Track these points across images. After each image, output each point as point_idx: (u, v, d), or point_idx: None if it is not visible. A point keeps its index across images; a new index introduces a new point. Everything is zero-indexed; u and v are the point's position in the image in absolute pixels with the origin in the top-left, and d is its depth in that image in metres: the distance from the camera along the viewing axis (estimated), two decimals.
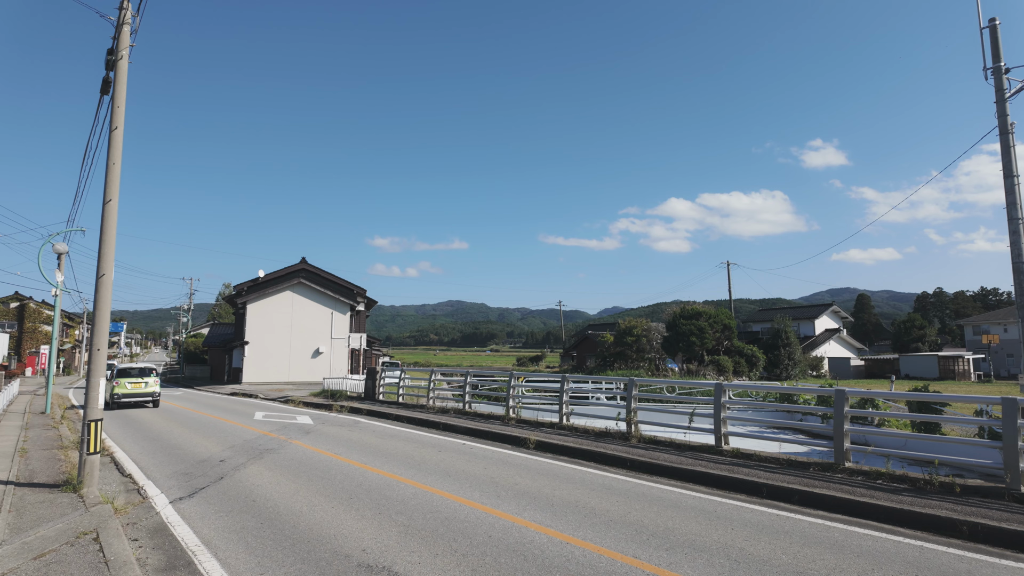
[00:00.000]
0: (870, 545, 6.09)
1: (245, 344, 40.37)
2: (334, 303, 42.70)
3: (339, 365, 42.08)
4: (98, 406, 8.23)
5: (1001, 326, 60.92)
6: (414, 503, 7.64)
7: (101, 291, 8.34)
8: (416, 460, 10.79)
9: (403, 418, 17.23)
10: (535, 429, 13.98)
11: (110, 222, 8.35)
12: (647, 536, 6.32)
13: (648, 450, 11.17)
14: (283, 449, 12.01)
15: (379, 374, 22.22)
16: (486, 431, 14.06)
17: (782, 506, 7.75)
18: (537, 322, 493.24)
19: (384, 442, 13.05)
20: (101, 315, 8.35)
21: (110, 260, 8.33)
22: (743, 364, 49.36)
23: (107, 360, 8.77)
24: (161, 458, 11.33)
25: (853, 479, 8.68)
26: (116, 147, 8.53)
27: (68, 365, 66.96)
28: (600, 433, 13.05)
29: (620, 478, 9.38)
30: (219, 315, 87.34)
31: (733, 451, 10.57)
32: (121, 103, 8.60)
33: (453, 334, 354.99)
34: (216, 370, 50.93)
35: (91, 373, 8.26)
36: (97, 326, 8.37)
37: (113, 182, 8.44)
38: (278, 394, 28.43)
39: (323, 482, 8.92)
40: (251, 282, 42.46)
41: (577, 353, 72.28)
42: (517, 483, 8.88)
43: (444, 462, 10.59)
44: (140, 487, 8.83)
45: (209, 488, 8.63)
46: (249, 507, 7.53)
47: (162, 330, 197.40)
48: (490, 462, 10.66)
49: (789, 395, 17.82)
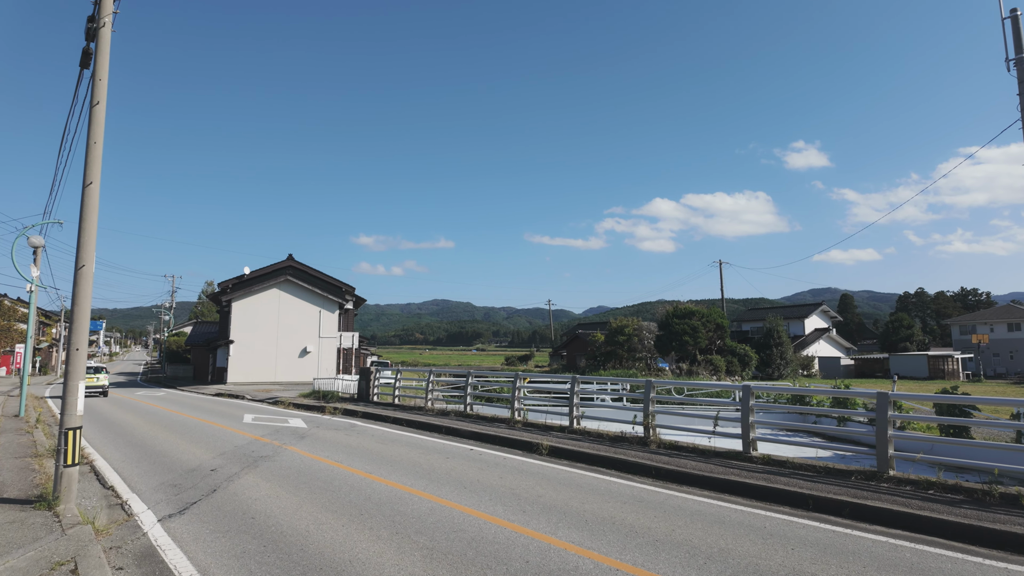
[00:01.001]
0: (951, 568, 5.46)
1: (230, 343, 39.22)
2: (322, 301, 41.67)
3: (327, 365, 41.07)
4: (77, 412, 7.37)
5: (988, 325, 61.38)
6: (433, 520, 6.89)
7: (80, 284, 7.48)
8: (424, 468, 10.03)
9: (402, 421, 16.44)
10: (544, 433, 13.28)
11: (91, 207, 7.50)
12: (703, 560, 5.63)
13: (672, 456, 10.51)
14: (279, 456, 11.18)
15: (373, 374, 21.39)
16: (492, 435, 13.33)
17: (833, 520, 7.11)
18: (523, 321, 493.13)
19: (386, 448, 12.27)
20: (80, 311, 7.49)
21: (91, 250, 7.47)
22: (736, 363, 49.09)
23: (88, 361, 7.93)
24: (146, 467, 10.45)
25: (902, 489, 8.08)
26: (98, 124, 7.67)
27: (45, 364, 65.08)
28: (615, 437, 12.38)
29: (649, 488, 8.70)
30: (202, 313, 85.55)
31: (763, 457, 9.94)
32: (103, 75, 7.74)
33: (439, 333, 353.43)
34: (199, 370, 49.64)
35: (69, 375, 7.41)
36: (76, 323, 7.51)
37: (94, 163, 7.59)
38: (266, 395, 27.45)
39: (328, 495, 8.13)
40: (236, 279, 41.28)
41: (567, 352, 71.73)
42: (540, 495, 8.16)
43: (455, 471, 9.84)
44: (124, 502, 7.98)
45: (202, 503, 7.80)
46: (248, 526, 6.74)
47: (143, 329, 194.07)
48: (504, 470, 9.93)
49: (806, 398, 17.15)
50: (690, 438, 12.19)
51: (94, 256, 7.53)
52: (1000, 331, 60.16)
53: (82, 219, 7.47)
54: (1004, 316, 61.33)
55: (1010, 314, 61.16)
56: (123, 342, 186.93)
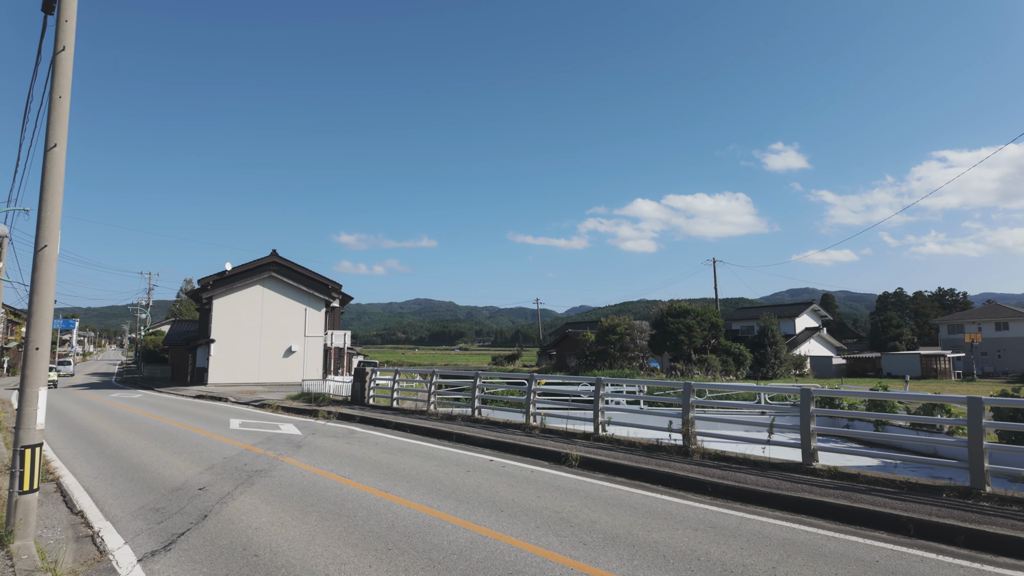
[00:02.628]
0: None
1: (211, 342, 37.44)
2: (308, 299, 40.05)
3: (313, 365, 39.49)
4: (36, 426, 6.01)
5: (975, 325, 61.53)
6: (480, 558, 5.65)
7: (42, 269, 6.11)
8: (447, 485, 8.77)
9: (404, 427, 15.13)
10: (568, 441, 12.08)
11: (55, 175, 6.13)
12: None
13: (723, 469, 9.37)
14: (275, 470, 9.84)
15: (369, 376, 20.01)
16: (510, 443, 12.10)
17: (950, 551, 6.01)
18: (506, 320, 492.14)
19: (396, 459, 10.97)
20: (42, 301, 6.12)
21: (55, 226, 6.10)
22: (731, 363, 48.42)
23: (60, 360, 6.55)
24: (123, 485, 9.04)
25: (1008, 509, 7.02)
26: (64, 75, 6.30)
27: (13, 365, 62.35)
28: (650, 446, 11.22)
29: (713, 510, 7.54)
30: (180, 312, 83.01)
31: (829, 470, 8.84)
32: (71, 16, 6.37)
33: (421, 332, 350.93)
34: (178, 370, 47.65)
35: (26, 380, 6.03)
36: (36, 316, 6.14)
37: (59, 121, 6.22)
38: (251, 397, 25.89)
39: (343, 521, 6.85)
40: (217, 275, 39.45)
41: (557, 352, 70.62)
42: (594, 520, 6.96)
43: (483, 488, 8.60)
44: (96, 532, 6.61)
45: (191, 533, 6.47)
46: (252, 567, 5.44)
47: (118, 328, 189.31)
48: (538, 487, 8.71)
49: (882, 403, 15.93)
50: (733, 447, 11.08)
51: (58, 235, 6.16)
52: (988, 330, 60.31)
53: (44, 190, 6.10)
54: (992, 315, 61.55)
55: (997, 313, 61.39)
56: (97, 342, 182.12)
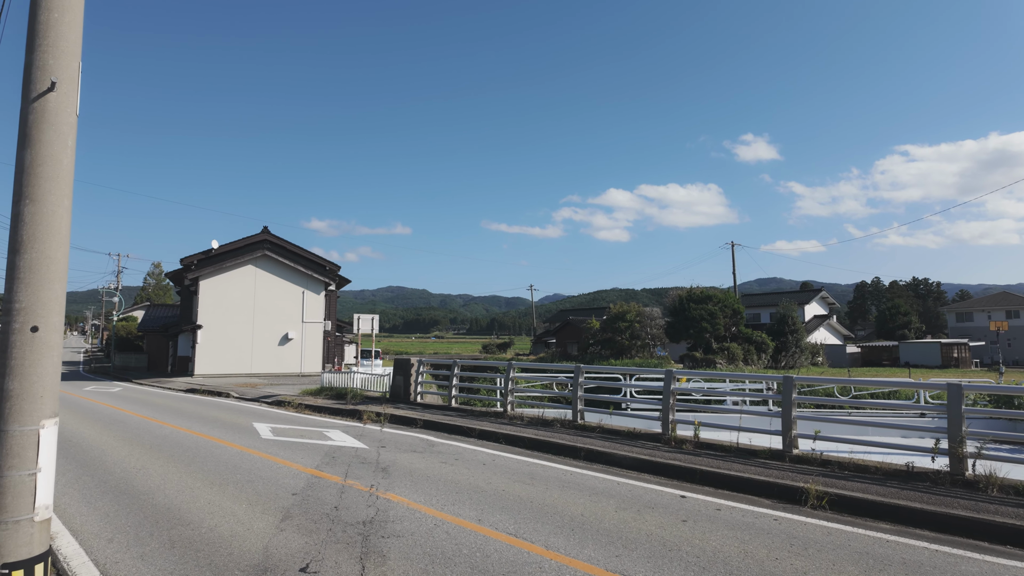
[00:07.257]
0: None
1: (197, 328, 33.37)
2: (306, 281, 36.21)
3: (312, 353, 35.79)
4: (32, 514, 2.55)
5: (985, 313, 60.43)
6: None
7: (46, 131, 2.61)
8: (689, 553, 5.50)
9: (490, 435, 11.79)
10: (745, 460, 8.90)
11: None
12: None
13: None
14: (392, 520, 6.42)
15: (415, 368, 16.57)
16: (674, 466, 8.87)
17: None
18: (480, 308, 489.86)
19: (540, 493, 7.63)
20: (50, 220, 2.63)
21: None
22: (752, 351, 46.04)
23: None
24: (162, 556, 5.54)
25: None
26: None
27: None
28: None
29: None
30: (149, 298, 77.74)
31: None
32: None
33: (395, 320, 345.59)
34: (155, 359, 43.37)
35: (8, 406, 2.56)
36: (34, 266, 2.64)
37: None
38: (256, 392, 22.16)
39: None
40: (203, 254, 35.20)
41: (557, 340, 67.65)
42: None
43: (739, 559, 5.34)
44: None
45: None
46: None
47: (79, 315, 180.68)
48: (811, 549, 5.50)
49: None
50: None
51: None
52: (998, 318, 59.18)
53: None
54: (1002, 304, 60.49)
55: (1007, 302, 60.36)
56: None
